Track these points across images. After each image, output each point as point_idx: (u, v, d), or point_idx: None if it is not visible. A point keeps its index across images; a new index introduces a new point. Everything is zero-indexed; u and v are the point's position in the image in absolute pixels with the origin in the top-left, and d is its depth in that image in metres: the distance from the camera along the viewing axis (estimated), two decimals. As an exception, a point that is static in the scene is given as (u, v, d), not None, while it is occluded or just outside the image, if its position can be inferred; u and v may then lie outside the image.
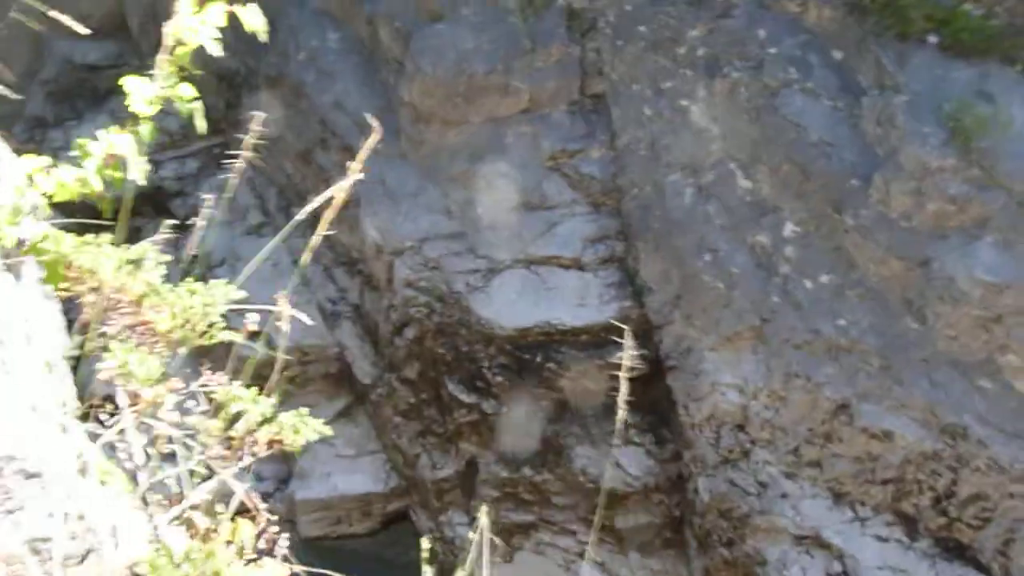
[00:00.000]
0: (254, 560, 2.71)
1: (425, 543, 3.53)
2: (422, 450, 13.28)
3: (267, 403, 3.08)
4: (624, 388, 3.63)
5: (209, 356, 3.25)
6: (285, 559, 2.89)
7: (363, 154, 3.42)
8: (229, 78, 16.06)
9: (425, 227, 12.77)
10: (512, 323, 12.39)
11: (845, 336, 10.85)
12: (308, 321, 3.43)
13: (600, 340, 12.37)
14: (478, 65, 12.74)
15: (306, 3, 15.01)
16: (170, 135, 16.80)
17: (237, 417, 3.02)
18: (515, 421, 12.75)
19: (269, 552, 2.91)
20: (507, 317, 12.44)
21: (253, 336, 3.24)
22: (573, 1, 13.76)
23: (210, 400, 3.07)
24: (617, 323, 12.53)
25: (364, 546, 14.24)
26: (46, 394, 2.49)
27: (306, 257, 4.03)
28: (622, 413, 3.73)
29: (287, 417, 3.09)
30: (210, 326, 3.09)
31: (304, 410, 3.20)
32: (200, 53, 2.85)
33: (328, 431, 3.22)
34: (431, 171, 13.11)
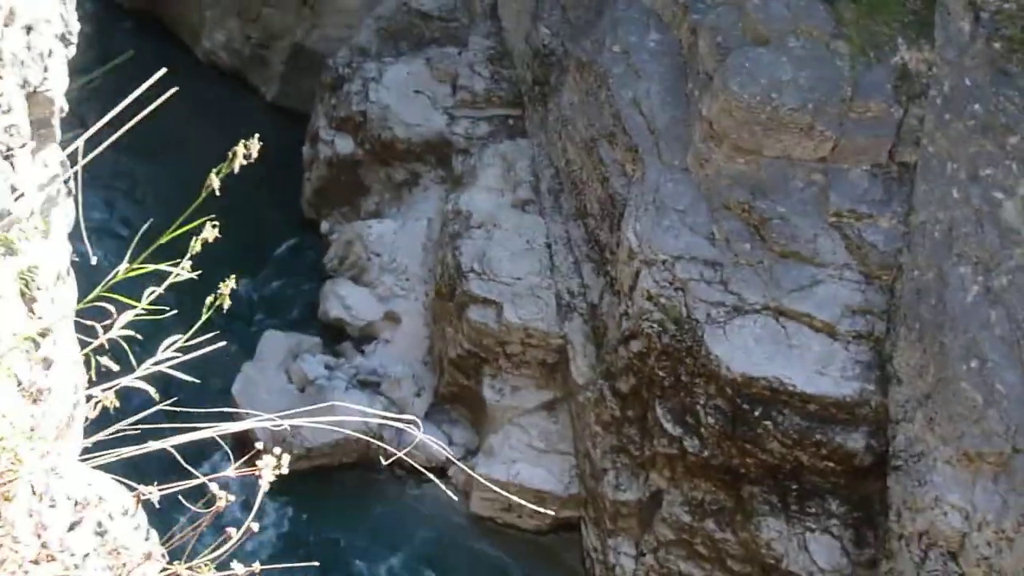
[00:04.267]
0: None
1: None
2: (611, 466, 12.77)
3: None
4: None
5: None
6: None
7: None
8: (544, 56, 16.10)
9: (683, 246, 12.24)
10: (741, 368, 11.67)
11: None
12: None
13: (828, 415, 11.45)
14: (788, 98, 12.08)
15: (638, 0, 14.79)
16: (472, 95, 17.07)
17: None
18: (713, 469, 12.02)
19: None
20: (738, 361, 11.73)
21: None
22: (911, 61, 12.84)
23: None
24: (853, 403, 11.56)
25: (528, 540, 13.92)
26: None
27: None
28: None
29: None
30: None
31: None
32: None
33: None
34: (708, 193, 12.56)
